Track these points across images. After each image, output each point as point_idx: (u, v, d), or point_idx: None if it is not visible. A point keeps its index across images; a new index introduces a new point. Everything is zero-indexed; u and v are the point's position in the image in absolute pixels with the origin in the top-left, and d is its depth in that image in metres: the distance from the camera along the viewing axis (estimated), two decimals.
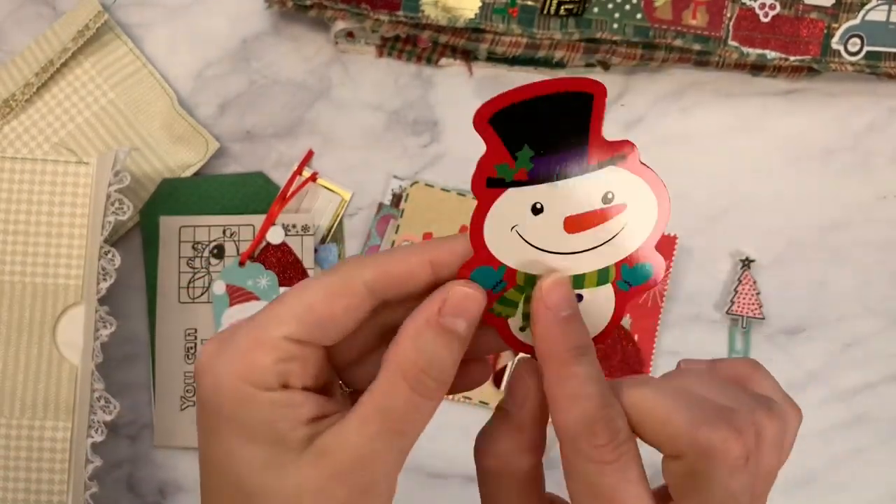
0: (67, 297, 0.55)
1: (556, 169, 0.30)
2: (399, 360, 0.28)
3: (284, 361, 0.28)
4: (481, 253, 0.30)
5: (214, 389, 0.28)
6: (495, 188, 0.30)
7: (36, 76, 0.59)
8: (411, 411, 0.28)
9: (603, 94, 0.30)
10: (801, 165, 0.63)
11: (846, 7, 0.60)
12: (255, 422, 0.27)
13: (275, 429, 0.27)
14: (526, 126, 0.30)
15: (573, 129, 0.30)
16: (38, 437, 0.54)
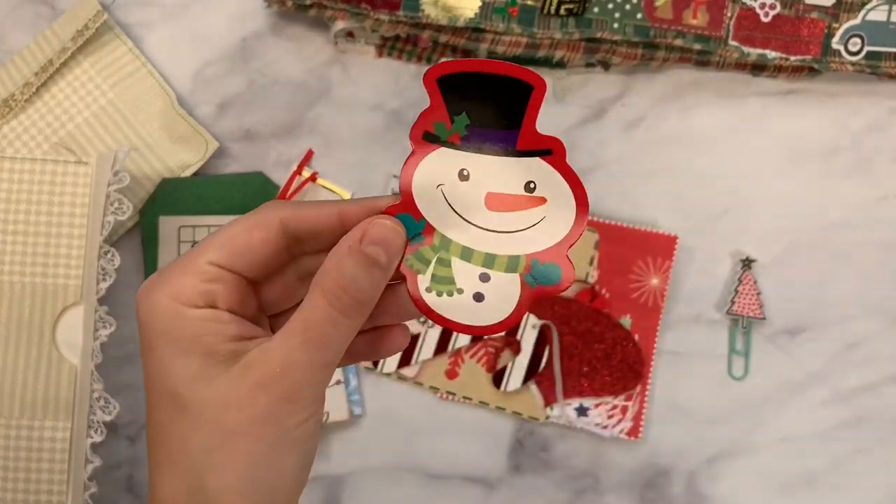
0: (67, 297, 0.55)
1: (486, 143, 0.33)
2: (320, 279, 0.31)
3: (209, 282, 0.31)
4: (407, 198, 0.33)
5: (150, 310, 0.31)
6: (430, 143, 0.33)
7: (35, 76, 0.59)
8: (329, 325, 0.30)
9: (542, 89, 0.32)
10: (802, 165, 0.63)
11: (847, 7, 0.60)
12: (185, 336, 0.30)
13: (203, 342, 0.30)
14: (468, 95, 0.32)
15: (510, 112, 0.32)
16: (37, 437, 0.54)
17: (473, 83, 0.32)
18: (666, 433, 0.61)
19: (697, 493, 0.61)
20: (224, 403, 0.30)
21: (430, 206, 0.33)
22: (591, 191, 0.61)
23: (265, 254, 0.32)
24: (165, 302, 0.31)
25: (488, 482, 0.61)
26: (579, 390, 0.59)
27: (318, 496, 0.60)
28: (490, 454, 0.61)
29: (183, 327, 0.31)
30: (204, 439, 0.30)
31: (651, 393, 0.60)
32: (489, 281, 0.33)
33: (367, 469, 0.61)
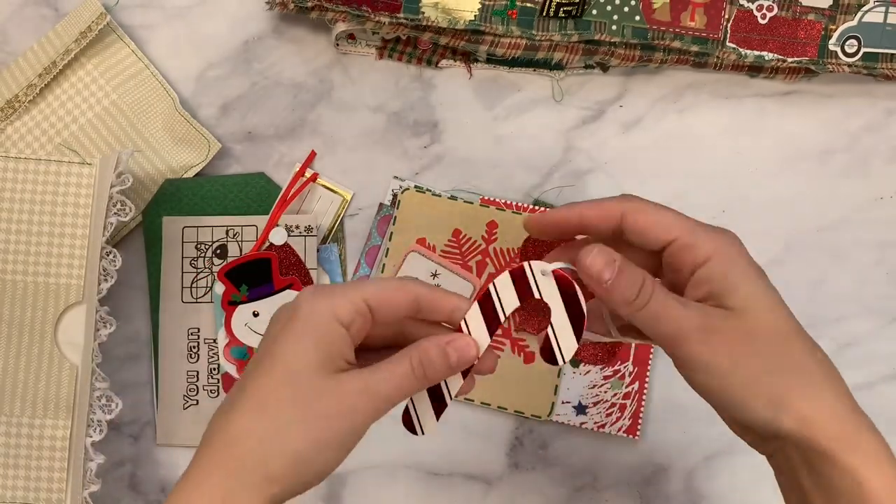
0: (69, 297, 0.55)
1: (260, 293, 0.60)
2: (413, 349, 0.41)
3: (356, 314, 0.40)
4: (234, 337, 0.60)
5: (312, 312, 0.40)
6: (233, 306, 0.60)
7: (39, 77, 0.59)
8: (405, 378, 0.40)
9: (276, 259, 0.59)
10: (799, 166, 0.63)
11: (843, 9, 0.61)
12: (324, 338, 0.39)
13: (331, 349, 0.39)
14: (242, 275, 0.60)
15: (264, 274, 0.60)
16: (37, 436, 0.54)
17: (244, 268, 0.59)
18: (664, 431, 0.61)
19: (695, 490, 0.61)
20: (323, 393, 0.39)
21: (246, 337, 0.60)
22: (589, 191, 0.62)
23: (395, 315, 0.41)
24: (326, 311, 0.40)
25: (488, 479, 0.61)
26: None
27: (318, 493, 0.61)
28: (489, 452, 0.61)
29: (327, 332, 0.39)
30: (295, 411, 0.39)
31: (649, 391, 0.61)
32: None
33: (367, 466, 0.61)
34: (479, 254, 0.61)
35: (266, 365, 0.40)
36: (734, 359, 0.39)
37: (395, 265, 0.61)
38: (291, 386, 0.39)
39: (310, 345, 0.39)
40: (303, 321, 0.40)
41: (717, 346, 0.39)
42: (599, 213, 0.42)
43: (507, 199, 0.62)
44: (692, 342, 0.39)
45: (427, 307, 0.42)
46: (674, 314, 0.39)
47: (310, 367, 0.39)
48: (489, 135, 0.63)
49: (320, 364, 0.39)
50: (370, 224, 0.62)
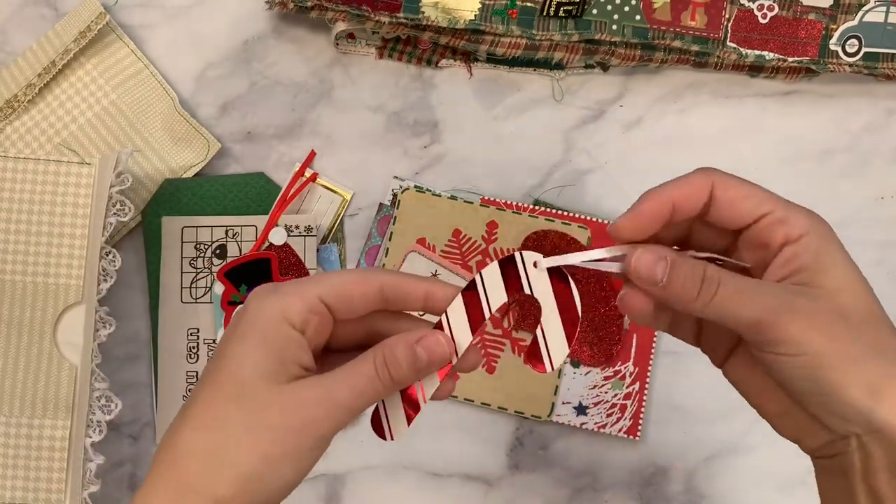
0: (68, 297, 0.55)
1: None
2: (377, 350, 0.38)
3: (311, 314, 0.37)
4: None
5: (257, 312, 0.37)
6: (232, 306, 0.59)
7: (38, 77, 0.59)
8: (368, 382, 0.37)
9: (275, 259, 0.59)
10: (799, 166, 0.63)
11: (844, 8, 0.61)
12: (275, 344, 0.37)
13: (283, 354, 0.37)
14: (242, 275, 0.59)
15: (264, 275, 0.59)
16: (36, 436, 0.54)
17: (243, 267, 0.59)
18: (664, 432, 0.61)
19: (696, 491, 0.61)
20: (274, 403, 0.36)
21: None
22: (590, 191, 0.62)
23: (359, 309, 0.39)
24: (274, 312, 0.37)
25: (488, 480, 0.61)
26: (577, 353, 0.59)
27: (318, 494, 0.61)
28: (490, 452, 0.61)
29: (276, 336, 0.37)
30: (244, 422, 0.36)
31: (650, 392, 0.61)
32: None
33: (367, 467, 0.61)
34: (480, 254, 0.61)
35: (213, 376, 0.37)
36: (830, 339, 0.36)
37: (395, 265, 0.60)
38: (238, 398, 0.36)
39: (258, 351, 0.37)
40: (250, 325, 0.37)
41: (809, 326, 0.36)
42: (689, 190, 0.38)
43: (507, 199, 0.61)
44: (781, 323, 0.35)
45: (395, 296, 0.39)
46: (754, 297, 0.36)
47: (259, 377, 0.36)
48: (489, 134, 0.63)
49: (271, 372, 0.36)
50: (370, 224, 0.62)
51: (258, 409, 0.36)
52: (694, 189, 0.38)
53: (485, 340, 0.60)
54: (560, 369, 0.60)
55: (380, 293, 0.38)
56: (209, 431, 0.36)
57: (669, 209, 0.38)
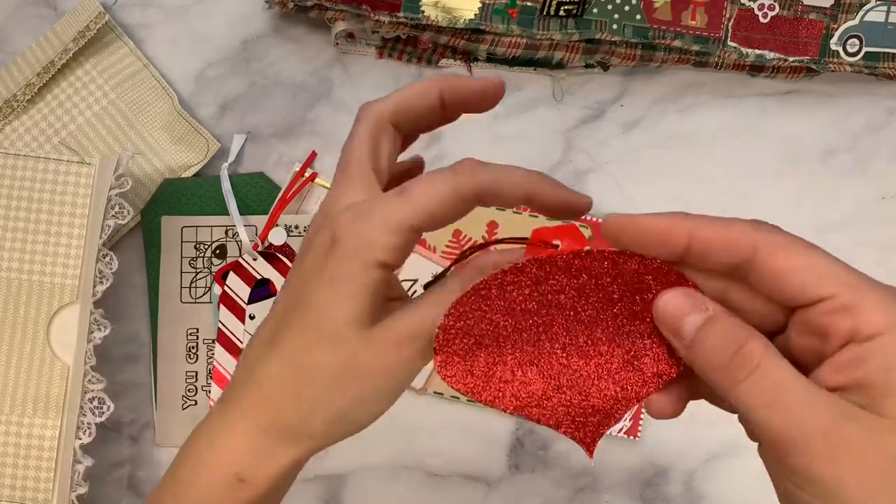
0: (63, 297, 0.55)
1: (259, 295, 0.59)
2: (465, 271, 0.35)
3: (402, 249, 0.34)
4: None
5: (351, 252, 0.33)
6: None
7: (37, 76, 0.59)
8: None
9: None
10: (800, 166, 0.63)
11: (845, 8, 0.60)
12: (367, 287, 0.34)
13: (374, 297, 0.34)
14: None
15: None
16: (26, 435, 0.54)
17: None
18: (664, 433, 0.61)
19: (696, 492, 0.61)
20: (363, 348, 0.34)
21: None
22: (590, 191, 0.62)
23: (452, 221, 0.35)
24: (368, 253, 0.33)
25: (488, 481, 0.61)
26: None
27: (318, 494, 0.61)
28: (490, 453, 0.61)
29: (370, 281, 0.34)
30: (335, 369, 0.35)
31: None
32: None
33: (367, 467, 0.61)
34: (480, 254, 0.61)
35: (300, 317, 0.35)
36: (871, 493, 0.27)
37: None
38: (329, 345, 0.34)
39: (348, 297, 0.34)
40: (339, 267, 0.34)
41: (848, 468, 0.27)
42: (722, 239, 0.30)
43: None
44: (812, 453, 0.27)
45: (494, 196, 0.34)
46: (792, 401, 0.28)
47: (349, 323, 0.34)
48: (489, 134, 0.62)
49: (362, 318, 0.34)
50: None
51: (350, 356, 0.34)
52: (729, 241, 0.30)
53: None
54: None
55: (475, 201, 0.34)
56: (300, 375, 0.35)
57: (683, 240, 0.31)
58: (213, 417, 0.36)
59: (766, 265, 0.30)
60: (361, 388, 0.35)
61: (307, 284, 0.35)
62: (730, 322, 0.30)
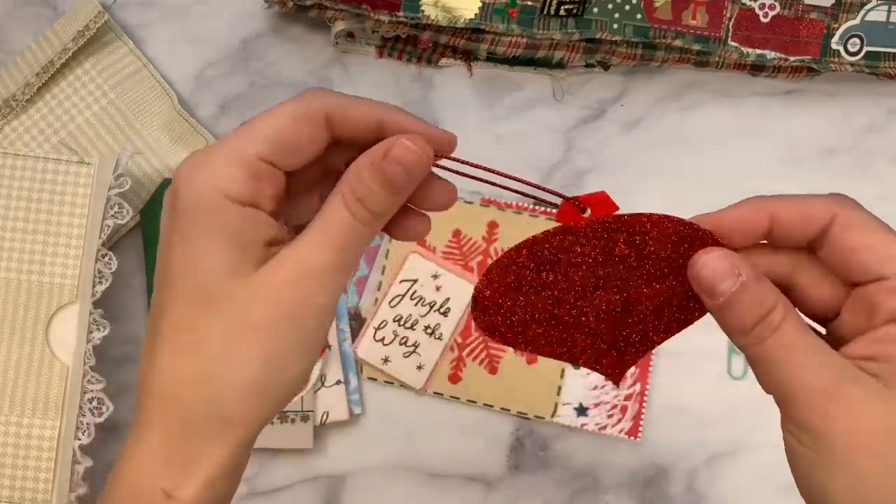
0: (62, 297, 0.55)
1: None
2: (342, 188, 0.32)
3: (255, 179, 0.31)
4: None
5: (193, 198, 0.31)
6: None
7: (36, 76, 0.59)
8: (347, 230, 0.32)
9: None
10: (801, 165, 0.63)
11: (846, 7, 0.60)
12: (226, 229, 0.31)
13: (242, 239, 0.31)
14: None
15: None
16: (25, 435, 0.54)
17: None
18: (665, 433, 0.61)
19: (697, 492, 0.61)
20: (251, 299, 0.31)
21: None
22: (590, 191, 0.62)
23: (309, 152, 0.32)
24: (212, 193, 0.30)
25: (488, 481, 0.61)
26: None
27: (318, 495, 0.60)
28: (490, 453, 0.61)
29: (225, 221, 0.31)
30: (226, 332, 0.31)
31: (650, 393, 0.60)
32: None
33: (366, 468, 0.61)
34: (481, 254, 0.61)
35: (171, 285, 0.31)
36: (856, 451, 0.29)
37: (395, 266, 0.60)
38: (209, 306, 0.31)
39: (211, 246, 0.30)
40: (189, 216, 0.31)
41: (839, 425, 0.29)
42: (799, 213, 0.33)
43: (507, 199, 0.61)
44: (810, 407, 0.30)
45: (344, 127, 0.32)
46: (797, 360, 0.30)
47: (223, 275, 0.30)
48: (489, 134, 0.62)
49: (235, 265, 0.30)
50: None
51: (236, 313, 0.31)
52: (806, 214, 0.32)
53: (487, 341, 0.60)
54: (563, 369, 0.60)
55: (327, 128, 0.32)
56: (191, 353, 0.31)
57: (766, 223, 0.33)
58: (130, 434, 0.33)
59: (839, 240, 0.32)
60: (263, 346, 0.31)
61: (165, 253, 0.32)
62: (763, 286, 0.31)
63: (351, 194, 0.32)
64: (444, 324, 0.60)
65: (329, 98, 0.32)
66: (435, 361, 0.60)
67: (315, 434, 0.59)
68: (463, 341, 0.60)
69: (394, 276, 0.60)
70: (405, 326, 0.60)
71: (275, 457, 0.60)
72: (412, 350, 0.60)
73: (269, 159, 0.31)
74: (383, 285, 0.60)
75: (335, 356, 0.59)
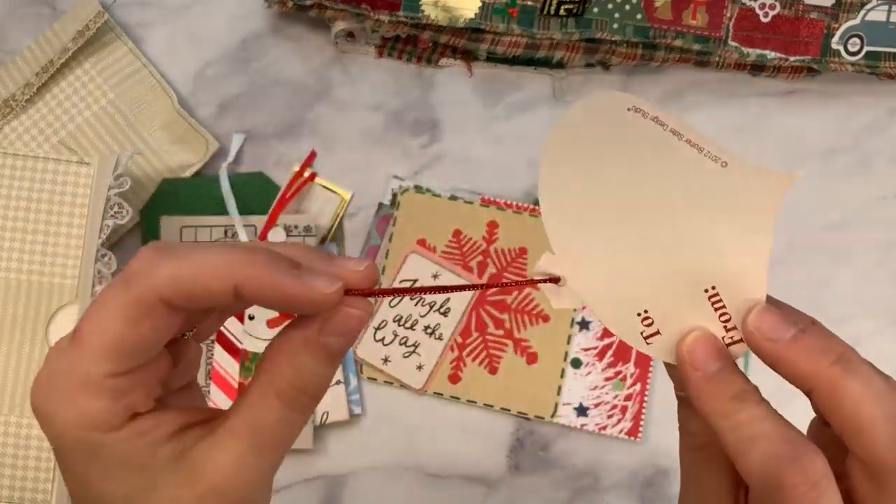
0: (62, 297, 0.55)
1: None
2: (273, 378, 0.27)
3: (121, 397, 0.26)
4: None
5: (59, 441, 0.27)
6: None
7: (36, 76, 0.59)
8: (284, 427, 0.28)
9: None
10: (801, 166, 0.63)
11: (846, 7, 0.60)
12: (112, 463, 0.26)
13: (135, 462, 0.26)
14: None
15: None
16: (24, 436, 0.54)
17: None
18: (666, 433, 0.61)
19: None
20: None
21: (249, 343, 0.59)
22: None
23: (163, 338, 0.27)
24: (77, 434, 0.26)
25: (488, 481, 0.61)
26: None
27: (318, 495, 0.60)
28: (490, 454, 0.61)
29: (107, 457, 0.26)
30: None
31: (651, 393, 0.60)
32: None
33: (366, 468, 0.61)
34: (480, 254, 0.61)
35: None
36: None
37: (395, 266, 0.60)
38: None
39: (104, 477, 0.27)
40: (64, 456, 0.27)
41: None
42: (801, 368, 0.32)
43: (508, 199, 0.61)
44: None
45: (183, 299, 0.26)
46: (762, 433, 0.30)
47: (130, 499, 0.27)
48: (489, 134, 0.62)
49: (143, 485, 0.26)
50: (369, 224, 0.61)
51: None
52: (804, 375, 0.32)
53: (487, 341, 0.60)
54: (562, 369, 0.60)
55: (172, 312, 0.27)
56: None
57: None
58: None
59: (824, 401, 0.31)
60: None
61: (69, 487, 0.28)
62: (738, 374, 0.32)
63: (290, 388, 0.27)
64: (444, 324, 0.60)
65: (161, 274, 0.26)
66: (435, 361, 0.60)
67: (315, 434, 0.59)
68: (463, 341, 0.60)
69: (394, 276, 0.60)
70: (405, 326, 0.60)
71: None
72: (412, 350, 0.60)
73: (123, 372, 0.26)
74: (383, 285, 0.60)
75: None
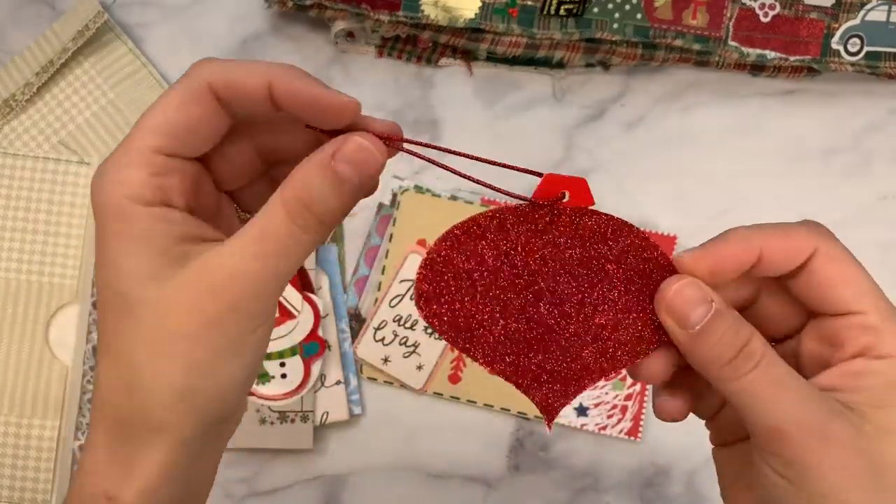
0: (62, 296, 0.55)
1: None
2: (284, 192, 0.29)
3: (159, 175, 0.29)
4: None
5: (100, 207, 0.29)
6: None
7: (36, 76, 0.59)
8: (287, 238, 0.29)
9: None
10: (801, 165, 0.63)
11: (846, 7, 0.60)
12: (136, 235, 0.29)
13: (154, 242, 0.29)
14: None
15: None
16: (25, 435, 0.54)
17: None
18: (665, 433, 0.61)
19: (697, 492, 0.61)
20: (171, 305, 0.29)
21: None
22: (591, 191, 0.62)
23: (209, 131, 0.30)
24: (114, 198, 0.29)
25: (488, 482, 0.61)
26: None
27: (318, 495, 0.60)
28: (490, 454, 0.61)
29: (133, 226, 0.29)
30: (146, 340, 0.29)
31: (651, 393, 0.60)
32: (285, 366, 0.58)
33: (366, 468, 0.61)
34: None
35: (99, 293, 0.31)
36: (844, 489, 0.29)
37: (395, 266, 0.60)
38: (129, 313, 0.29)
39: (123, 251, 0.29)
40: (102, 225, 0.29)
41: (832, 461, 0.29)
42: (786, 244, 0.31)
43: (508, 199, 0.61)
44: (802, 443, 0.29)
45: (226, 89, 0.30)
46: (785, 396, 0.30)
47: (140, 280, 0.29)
48: (489, 133, 0.62)
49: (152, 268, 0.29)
50: (369, 224, 0.61)
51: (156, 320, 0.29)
52: (792, 245, 0.32)
53: None
54: None
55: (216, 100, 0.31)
56: (118, 362, 0.30)
57: (754, 259, 0.32)
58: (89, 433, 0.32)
59: (818, 273, 0.32)
60: (186, 353, 0.29)
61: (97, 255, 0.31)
62: (735, 318, 0.31)
63: (295, 199, 0.29)
64: None
65: (212, 68, 0.31)
66: (435, 361, 0.60)
67: (315, 434, 0.59)
68: None
69: (394, 276, 0.60)
70: (405, 326, 0.60)
71: (274, 457, 0.60)
72: (412, 350, 0.60)
73: (168, 151, 0.30)
74: (383, 285, 0.60)
75: (335, 356, 0.59)
